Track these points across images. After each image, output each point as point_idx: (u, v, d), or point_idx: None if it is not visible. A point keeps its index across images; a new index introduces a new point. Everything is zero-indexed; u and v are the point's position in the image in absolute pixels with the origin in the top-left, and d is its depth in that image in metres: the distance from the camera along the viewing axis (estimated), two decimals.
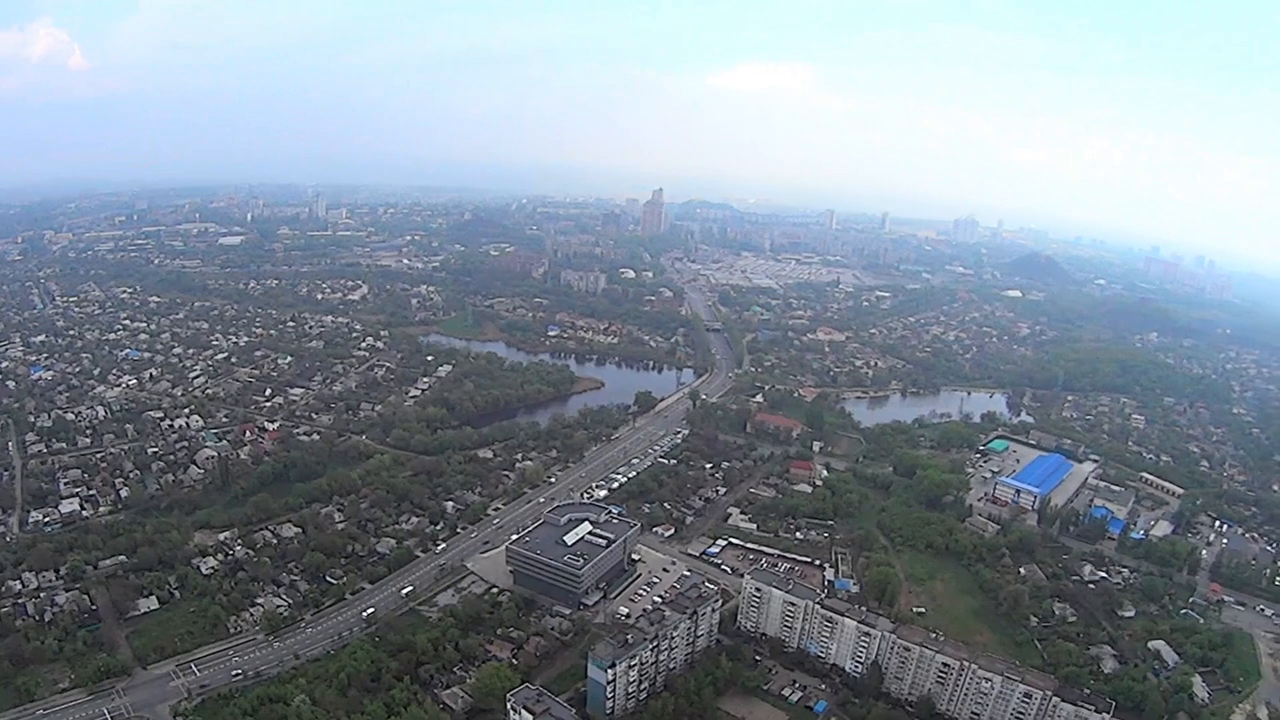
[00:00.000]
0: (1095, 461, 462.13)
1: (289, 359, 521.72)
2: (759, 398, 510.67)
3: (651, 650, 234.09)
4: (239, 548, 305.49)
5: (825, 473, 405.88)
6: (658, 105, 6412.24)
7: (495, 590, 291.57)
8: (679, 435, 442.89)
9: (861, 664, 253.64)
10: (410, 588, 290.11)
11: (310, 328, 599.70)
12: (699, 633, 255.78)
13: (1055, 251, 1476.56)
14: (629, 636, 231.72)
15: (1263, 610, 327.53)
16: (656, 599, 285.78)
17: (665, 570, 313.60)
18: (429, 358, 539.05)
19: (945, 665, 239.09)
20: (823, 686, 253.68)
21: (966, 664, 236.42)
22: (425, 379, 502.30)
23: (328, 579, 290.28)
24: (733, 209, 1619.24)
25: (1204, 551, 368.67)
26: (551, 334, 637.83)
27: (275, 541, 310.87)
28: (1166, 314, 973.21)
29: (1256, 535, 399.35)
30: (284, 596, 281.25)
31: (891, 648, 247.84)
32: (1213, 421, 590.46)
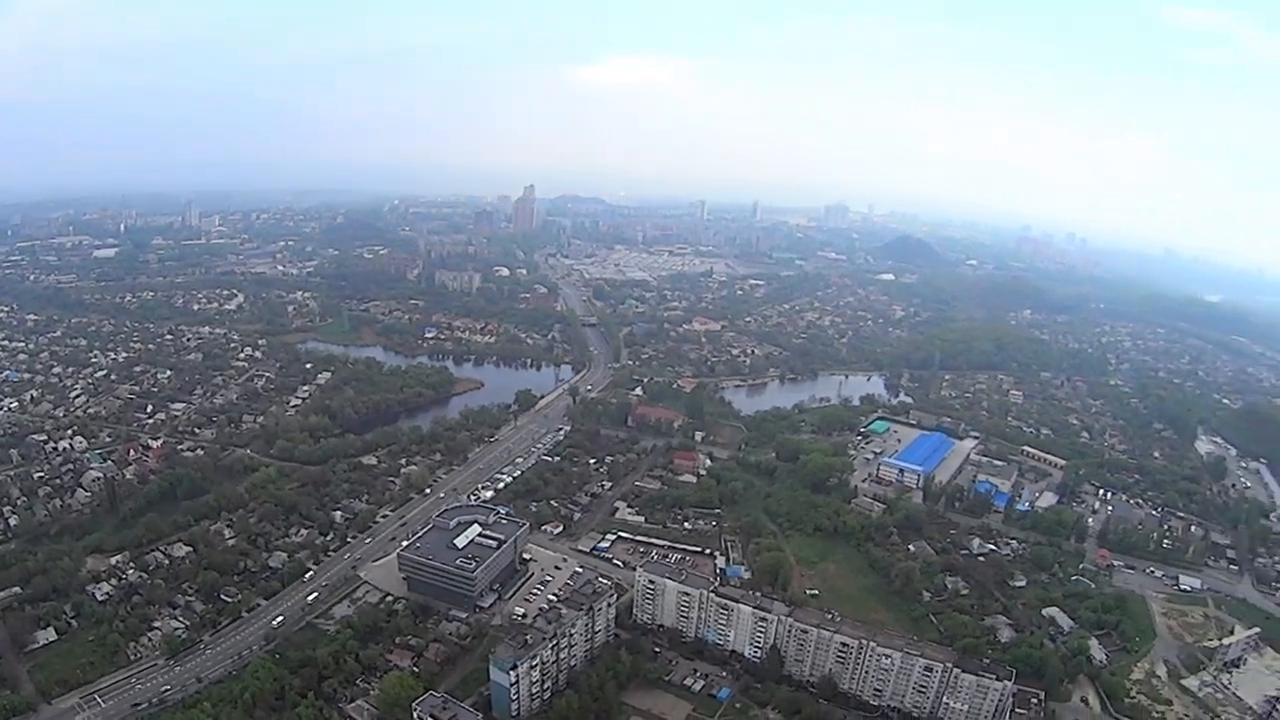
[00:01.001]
0: (976, 438, 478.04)
1: (168, 373, 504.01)
2: (638, 391, 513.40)
3: (551, 649, 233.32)
4: (132, 571, 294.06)
5: (709, 462, 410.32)
6: (528, 101, 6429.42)
7: (390, 598, 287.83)
8: (561, 432, 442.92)
9: (760, 649, 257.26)
10: (313, 596, 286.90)
11: (188, 340, 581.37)
12: (596, 628, 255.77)
13: (927, 234, 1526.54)
14: (528, 637, 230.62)
15: (1152, 572, 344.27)
16: (551, 597, 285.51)
17: (557, 568, 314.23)
18: (308, 365, 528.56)
19: (844, 645, 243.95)
20: (724, 674, 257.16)
21: (865, 642, 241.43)
22: (305, 387, 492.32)
23: (223, 597, 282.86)
24: (604, 203, 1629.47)
25: (1090, 519, 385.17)
26: (429, 336, 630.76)
27: (168, 562, 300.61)
28: (1039, 291, 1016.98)
29: (1141, 501, 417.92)
30: (181, 618, 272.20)
31: (789, 631, 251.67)
32: (1091, 394, 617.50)
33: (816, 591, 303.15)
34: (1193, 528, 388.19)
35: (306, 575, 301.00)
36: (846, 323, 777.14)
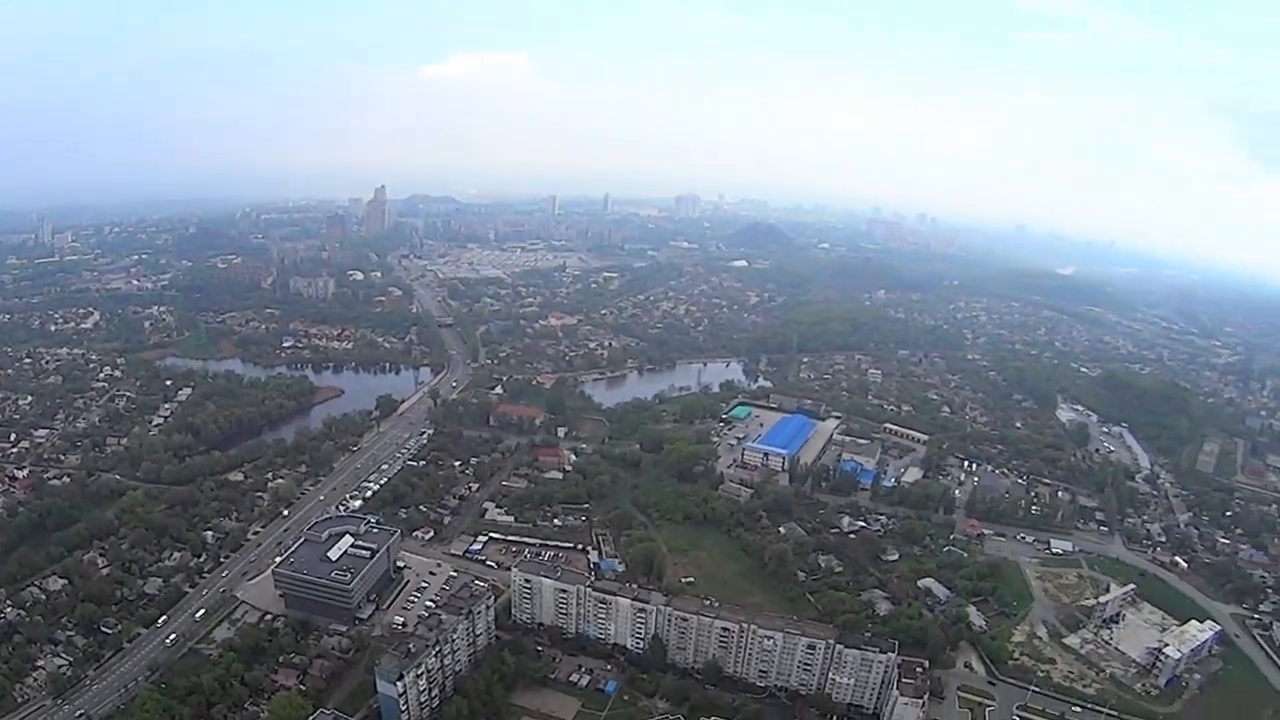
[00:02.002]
0: (838, 418, 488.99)
1: (29, 399, 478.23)
2: (498, 389, 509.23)
3: (435, 656, 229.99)
4: (9, 609, 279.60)
5: (574, 457, 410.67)
6: (377, 101, 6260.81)
7: (270, 617, 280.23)
8: (424, 435, 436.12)
9: (642, 640, 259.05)
10: (195, 618, 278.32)
11: (46, 362, 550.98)
12: (478, 632, 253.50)
13: (778, 219, 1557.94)
14: (410, 646, 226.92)
15: (1023, 538, 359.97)
16: (429, 604, 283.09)
17: (432, 574, 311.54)
18: (168, 382, 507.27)
19: (725, 629, 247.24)
20: (609, 667, 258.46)
21: (746, 625, 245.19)
22: (167, 405, 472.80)
23: (103, 629, 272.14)
24: (456, 201, 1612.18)
25: (957, 491, 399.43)
26: (286, 345, 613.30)
27: (44, 597, 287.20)
28: (892, 271, 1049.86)
29: (1006, 471, 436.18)
30: (63, 654, 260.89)
31: (669, 620, 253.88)
32: (949, 369, 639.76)
33: (692, 579, 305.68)
34: (1060, 493, 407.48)
35: (183, 600, 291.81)
36: (702, 311, 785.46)
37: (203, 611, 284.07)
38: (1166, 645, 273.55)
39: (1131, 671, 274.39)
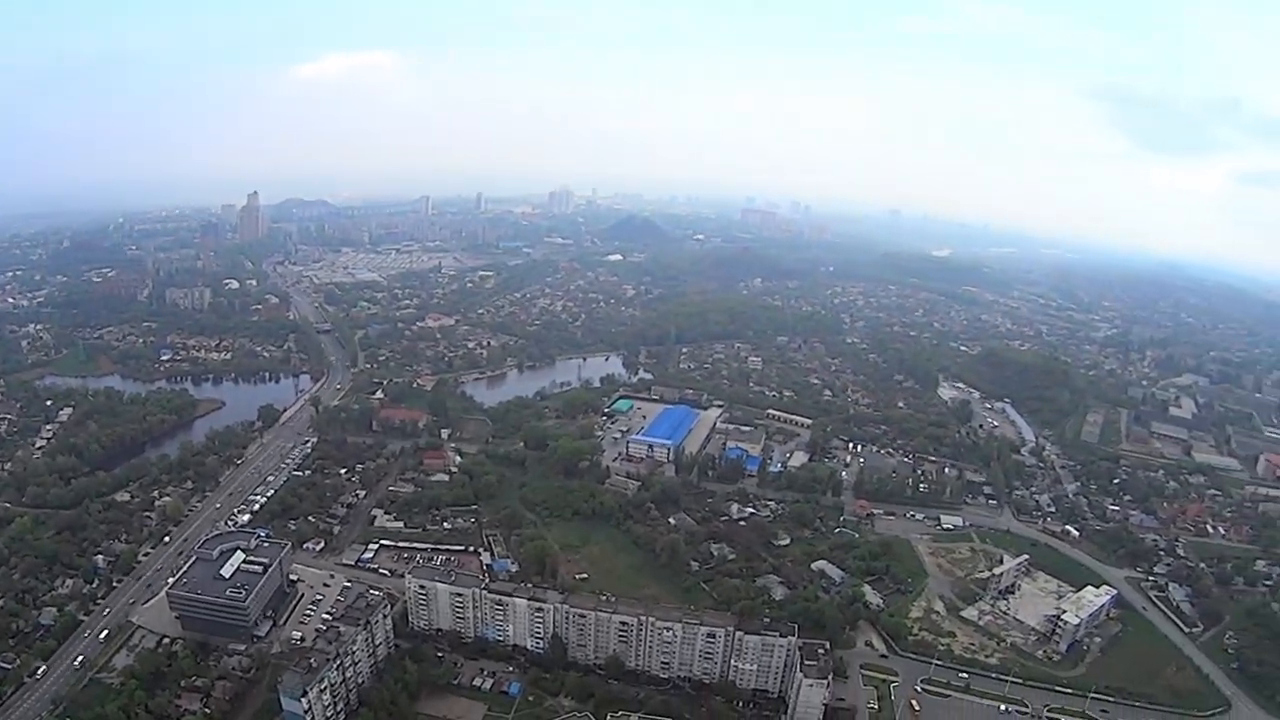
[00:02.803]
0: (720, 406, 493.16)
1: None
2: (379, 394, 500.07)
3: (337, 670, 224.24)
4: None
5: (459, 459, 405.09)
6: (249, 103, 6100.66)
7: (168, 640, 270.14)
8: (308, 444, 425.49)
9: (541, 639, 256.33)
10: (87, 652, 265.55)
11: None
12: (377, 642, 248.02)
13: (652, 213, 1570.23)
14: (311, 660, 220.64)
15: (913, 516, 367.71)
16: (326, 616, 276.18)
17: (326, 585, 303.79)
18: (49, 402, 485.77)
19: (624, 624, 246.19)
20: (510, 669, 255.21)
21: (644, 618, 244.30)
22: (49, 426, 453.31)
23: (2, 665, 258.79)
24: (329, 205, 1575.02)
25: (844, 473, 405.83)
26: (165, 358, 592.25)
27: None
28: (768, 260, 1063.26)
29: (891, 450, 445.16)
30: None
31: (567, 618, 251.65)
32: (829, 353, 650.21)
33: (586, 575, 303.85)
34: (946, 470, 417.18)
35: (79, 629, 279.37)
36: (579, 306, 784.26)
37: (105, 633, 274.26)
38: (1064, 612, 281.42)
39: (1032, 639, 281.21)
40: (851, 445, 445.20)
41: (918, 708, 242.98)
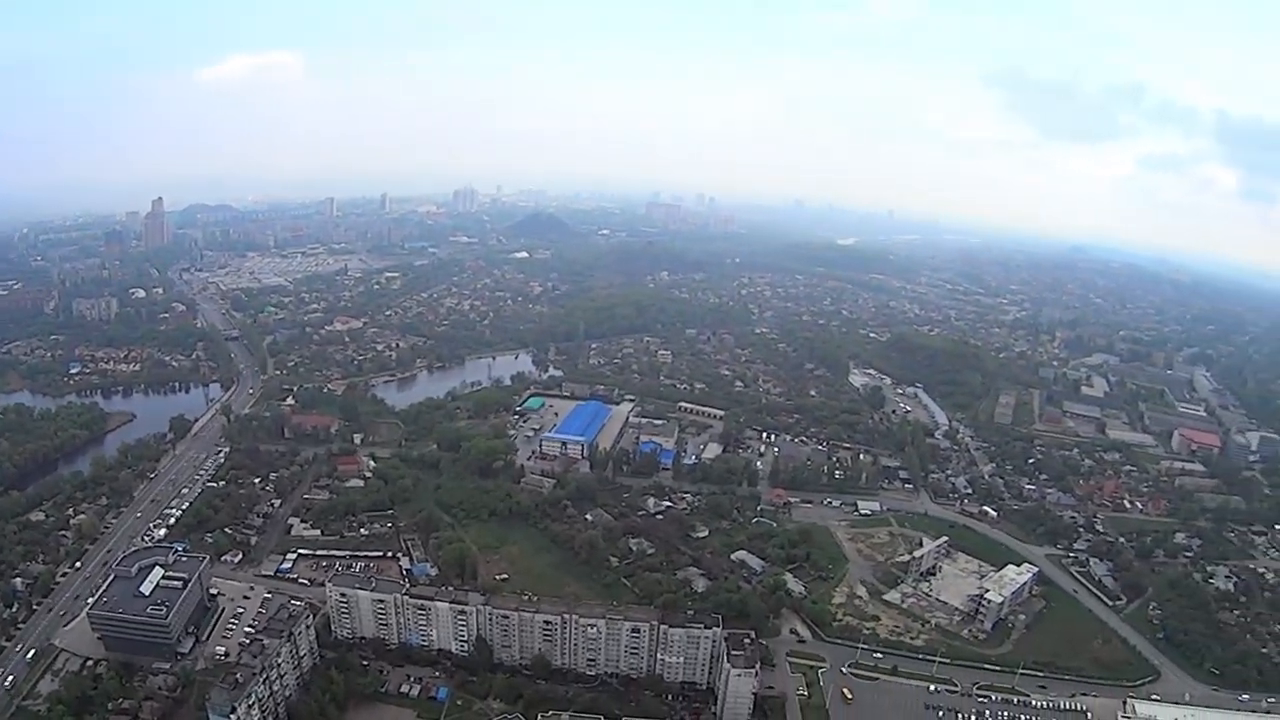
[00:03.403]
0: (632, 401, 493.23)
1: None
2: (290, 400, 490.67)
3: (264, 684, 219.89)
4: None
5: (372, 463, 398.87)
6: (152, 107, 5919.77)
7: (91, 662, 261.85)
8: (221, 454, 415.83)
9: (466, 642, 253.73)
10: (10, 678, 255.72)
11: None
12: (302, 653, 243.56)
13: (557, 209, 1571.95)
14: (237, 676, 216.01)
15: (830, 503, 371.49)
16: (249, 630, 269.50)
17: (246, 598, 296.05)
18: None
19: (547, 623, 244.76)
20: (437, 674, 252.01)
21: (567, 616, 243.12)
22: None
23: None
24: (233, 209, 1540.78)
25: (759, 463, 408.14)
26: (74, 372, 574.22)
27: None
28: (675, 253, 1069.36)
29: (805, 439, 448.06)
30: None
31: (490, 619, 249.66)
32: (739, 344, 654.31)
33: (506, 576, 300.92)
34: (861, 456, 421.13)
35: (1, 655, 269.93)
36: (487, 305, 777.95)
37: (33, 652, 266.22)
38: (987, 591, 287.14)
39: (956, 619, 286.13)
40: (765, 435, 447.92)
41: (850, 695, 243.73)
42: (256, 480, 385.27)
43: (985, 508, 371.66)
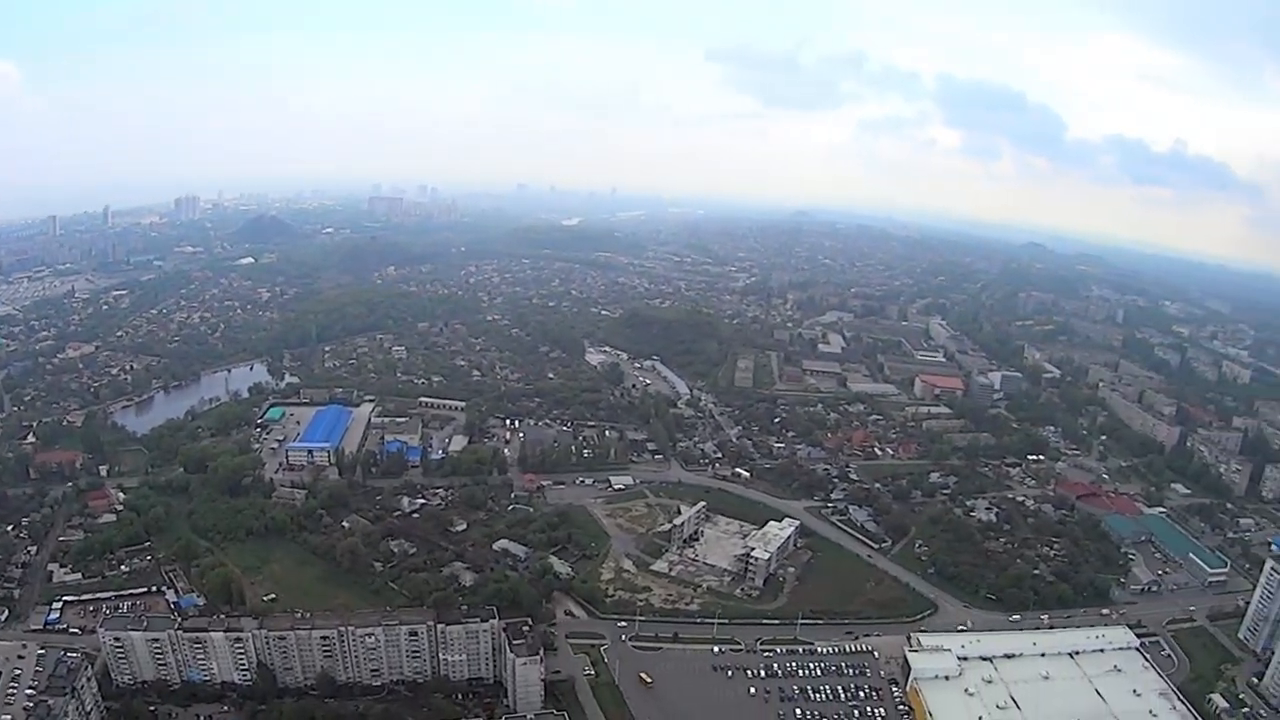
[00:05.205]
0: (372, 401, 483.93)
1: None
2: (31, 437, 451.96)
3: None
4: None
5: (122, 495, 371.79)
6: None
7: None
8: None
9: (247, 670, 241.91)
10: None
11: None
12: (88, 709, 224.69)
13: (279, 211, 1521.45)
14: None
15: (583, 482, 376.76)
16: (29, 691, 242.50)
17: (20, 657, 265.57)
18: None
19: (324, 638, 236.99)
20: (225, 709, 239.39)
21: (343, 628, 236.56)
22: None
23: None
24: None
25: (506, 450, 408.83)
26: None
27: None
28: (399, 246, 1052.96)
29: (549, 421, 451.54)
30: None
31: (267, 643, 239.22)
32: (471, 333, 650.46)
33: (274, 595, 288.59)
34: (607, 432, 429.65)
35: None
36: (216, 316, 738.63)
37: None
38: (753, 549, 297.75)
39: (727, 580, 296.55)
40: (509, 421, 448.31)
41: (649, 679, 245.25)
42: (9, 528, 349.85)
43: (738, 469, 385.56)
